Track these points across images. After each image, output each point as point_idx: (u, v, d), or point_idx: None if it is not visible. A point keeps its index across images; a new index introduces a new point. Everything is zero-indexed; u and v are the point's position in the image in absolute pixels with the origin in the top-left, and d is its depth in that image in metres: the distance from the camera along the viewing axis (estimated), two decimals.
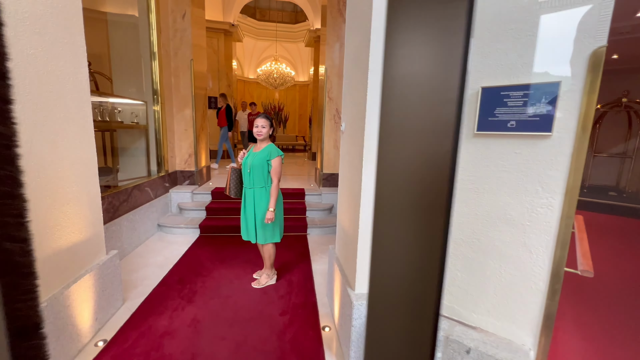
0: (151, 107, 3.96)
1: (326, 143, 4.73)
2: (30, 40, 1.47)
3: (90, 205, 1.95)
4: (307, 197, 4.59)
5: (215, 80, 8.28)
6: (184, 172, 4.56)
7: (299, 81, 15.92)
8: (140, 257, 3.15)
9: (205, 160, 5.05)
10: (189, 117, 4.43)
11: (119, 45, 3.81)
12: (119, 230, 3.00)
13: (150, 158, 4.07)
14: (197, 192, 4.38)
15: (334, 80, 4.60)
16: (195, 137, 4.50)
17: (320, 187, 4.87)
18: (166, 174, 4.19)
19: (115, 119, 3.63)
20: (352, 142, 1.84)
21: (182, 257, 3.20)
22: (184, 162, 4.54)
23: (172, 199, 4.27)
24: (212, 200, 4.40)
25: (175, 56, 4.25)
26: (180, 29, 4.20)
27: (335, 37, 4.50)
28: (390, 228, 0.26)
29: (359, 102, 1.67)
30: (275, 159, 2.42)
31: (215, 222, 3.93)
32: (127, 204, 3.17)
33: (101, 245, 2.07)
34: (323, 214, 4.40)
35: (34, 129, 1.50)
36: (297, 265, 3.13)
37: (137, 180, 3.59)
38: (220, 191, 4.44)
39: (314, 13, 8.49)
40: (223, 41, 8.24)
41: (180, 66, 4.29)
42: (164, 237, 3.74)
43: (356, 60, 1.75)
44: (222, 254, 3.31)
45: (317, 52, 8.63)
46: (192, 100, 4.38)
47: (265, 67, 13.14)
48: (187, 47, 4.25)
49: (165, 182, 4.16)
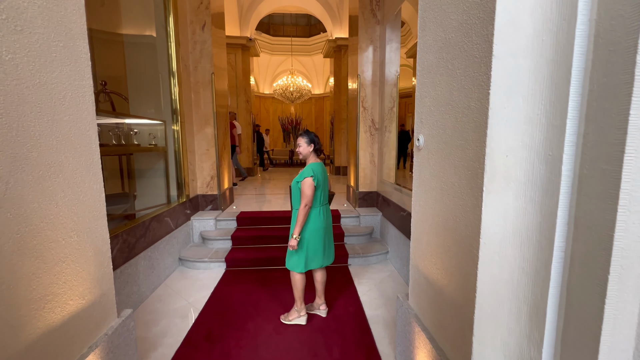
0: (170, 127, 3.58)
1: (362, 158, 4.21)
2: (7, 41, 1.05)
3: (97, 258, 1.49)
4: (343, 219, 4.05)
5: (234, 97, 8.02)
6: (205, 196, 4.14)
7: (314, 94, 15.68)
8: (159, 302, 2.68)
9: (228, 182, 4.62)
10: (211, 135, 4.04)
11: (135, 62, 3.49)
12: (135, 272, 2.55)
13: (170, 182, 3.66)
14: (221, 219, 3.93)
15: (368, 88, 4.12)
16: (217, 157, 4.09)
17: (356, 207, 4.32)
18: (187, 199, 3.77)
19: (132, 141, 3.26)
20: (448, 162, 1.31)
21: (209, 300, 2.70)
22: (206, 185, 4.12)
23: (193, 228, 3.83)
24: (238, 227, 3.92)
25: (195, 70, 3.90)
26: (199, 41, 3.86)
27: (368, 41, 4.05)
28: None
29: (477, 100, 1.15)
30: (305, 181, 2.12)
31: (243, 254, 3.44)
32: (144, 239, 2.73)
33: (111, 307, 1.60)
34: (364, 240, 3.83)
35: (12, 165, 1.06)
36: (346, 308, 2.57)
37: (156, 210, 3.17)
38: (246, 216, 3.97)
39: (334, 23, 8.18)
40: (240, 56, 8.01)
41: (201, 81, 3.93)
42: (186, 273, 3.27)
43: (455, 46, 1.23)
44: (254, 295, 2.79)
45: (339, 62, 8.27)
46: (213, 117, 3.99)
47: (281, 81, 12.94)
48: (207, 60, 3.89)
49: (186, 208, 3.73)
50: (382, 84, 4.00)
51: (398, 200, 3.37)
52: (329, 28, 8.66)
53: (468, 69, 1.15)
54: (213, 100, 3.97)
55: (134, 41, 3.50)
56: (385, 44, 3.88)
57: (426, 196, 1.54)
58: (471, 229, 1.15)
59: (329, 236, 2.34)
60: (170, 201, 3.65)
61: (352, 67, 4.63)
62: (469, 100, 1.15)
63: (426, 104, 1.52)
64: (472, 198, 1.14)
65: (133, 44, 3.49)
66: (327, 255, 2.34)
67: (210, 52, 3.89)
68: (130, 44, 3.47)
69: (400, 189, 3.30)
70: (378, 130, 4.18)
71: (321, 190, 2.20)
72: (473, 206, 1.14)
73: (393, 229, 3.49)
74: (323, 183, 2.22)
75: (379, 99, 4.13)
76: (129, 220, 2.82)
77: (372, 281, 3.07)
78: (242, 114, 8.14)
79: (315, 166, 2.18)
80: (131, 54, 3.48)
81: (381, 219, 3.97)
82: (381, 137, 4.11)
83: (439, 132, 1.40)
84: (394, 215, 3.48)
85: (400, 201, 3.28)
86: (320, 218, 2.22)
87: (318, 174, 2.16)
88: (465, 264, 1.20)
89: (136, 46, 3.51)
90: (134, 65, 3.50)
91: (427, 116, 1.52)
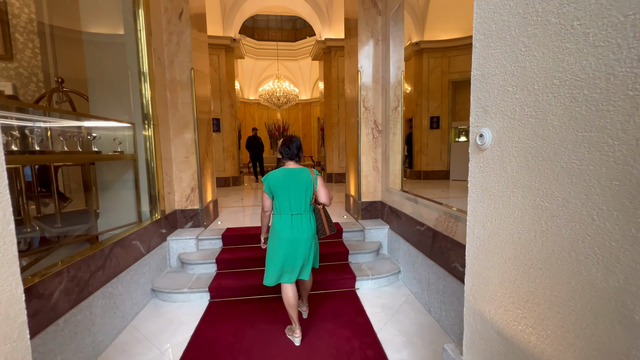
0: (140, 131, 3.00)
1: (364, 164, 3.75)
2: None
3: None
4: (346, 234, 3.55)
5: (217, 101, 7.45)
6: (185, 211, 3.55)
7: (301, 100, 15.28)
8: (122, 355, 2.07)
9: (212, 194, 4.05)
10: (191, 141, 3.48)
11: (96, 54, 2.92)
12: (89, 317, 1.95)
13: (140, 196, 3.07)
14: (204, 238, 3.35)
15: (370, 86, 3.69)
16: (198, 166, 3.52)
17: (359, 219, 3.84)
18: (162, 216, 3.18)
19: (91, 148, 2.67)
20: (555, 167, 0.85)
21: (188, 348, 2.12)
22: (186, 198, 3.54)
23: (170, 250, 3.23)
24: (224, 246, 3.35)
25: (172, 66, 3.36)
26: (176, 32, 3.33)
27: (368, 33, 3.63)
28: None
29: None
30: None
31: (231, 281, 2.87)
32: (103, 272, 2.14)
33: None
34: (370, 257, 3.34)
35: None
36: (363, 351, 2.05)
37: (122, 231, 2.57)
38: (234, 234, 3.41)
39: (322, 23, 7.81)
40: (224, 58, 7.47)
41: (178, 78, 3.38)
42: (160, 308, 2.67)
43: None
44: (247, 336, 2.23)
45: (329, 64, 7.88)
46: (193, 119, 3.44)
47: (267, 86, 12.45)
48: (185, 54, 3.36)
49: (161, 227, 3.13)
50: (386, 81, 3.58)
51: (412, 212, 2.91)
52: (317, 29, 8.28)
53: (612, 19, 0.70)
54: (193, 100, 3.42)
55: (95, 30, 2.93)
56: (388, 36, 3.48)
57: (500, 216, 1.07)
58: (624, 278, 0.68)
59: (304, 250, 2.07)
60: (142, 219, 3.06)
61: (348, 65, 4.20)
62: (613, 67, 0.69)
63: (496, 85, 1.07)
64: (626, 225, 0.68)
65: (94, 34, 2.92)
66: (291, 275, 2.10)
67: (189, 44, 3.36)
68: (90, 34, 2.90)
69: (416, 198, 2.85)
70: (381, 132, 3.74)
71: (286, 198, 2.03)
72: (630, 239, 0.67)
73: (405, 245, 3.03)
74: (283, 191, 2.02)
75: (382, 98, 3.71)
76: (89, 246, 2.22)
77: (387, 310, 2.57)
78: (227, 119, 7.57)
79: (277, 172, 2.05)
80: (92, 46, 2.91)
81: (389, 233, 3.50)
82: (385, 140, 3.68)
83: (527, 122, 0.94)
84: (407, 229, 3.02)
85: (416, 213, 2.83)
86: (286, 227, 2.02)
87: (274, 181, 2.03)
88: (605, 334, 0.73)
89: (97, 36, 2.94)
90: (95, 58, 2.92)
91: (498, 101, 1.06)
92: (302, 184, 2.03)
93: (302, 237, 2.03)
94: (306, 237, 2.04)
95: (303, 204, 2.04)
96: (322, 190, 2.07)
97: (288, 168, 2.07)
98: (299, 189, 2.02)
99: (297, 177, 2.03)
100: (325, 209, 2.16)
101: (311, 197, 2.07)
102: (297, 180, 2.02)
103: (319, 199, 2.09)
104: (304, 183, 2.03)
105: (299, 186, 2.02)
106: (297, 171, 2.05)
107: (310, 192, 2.06)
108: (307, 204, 2.06)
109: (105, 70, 2.93)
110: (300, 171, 2.05)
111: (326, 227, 2.13)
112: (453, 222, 2.21)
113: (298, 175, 2.03)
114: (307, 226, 2.05)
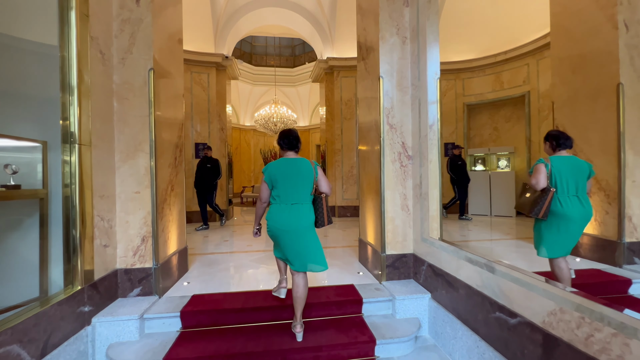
0: (57, 155, 1.97)
1: (389, 201, 2.70)
2: None
3: None
4: (367, 305, 2.41)
5: (205, 124, 6.54)
6: (131, 271, 2.41)
7: (299, 126, 14.58)
8: None
9: (179, 242, 2.93)
10: (145, 169, 2.43)
11: None
12: None
13: (49, 255, 1.96)
14: (151, 316, 2.18)
15: (395, 97, 2.75)
16: (154, 205, 2.44)
17: (383, 279, 2.71)
18: (88, 284, 2.04)
19: None
20: None
21: None
22: (133, 252, 2.42)
23: (96, 339, 2.05)
24: (183, 329, 2.18)
25: (122, 65, 2.40)
26: (132, 20, 2.41)
27: (393, 29, 2.75)
28: None
29: None
30: None
31: None
32: None
33: None
34: (407, 349, 2.17)
35: None
36: None
37: None
38: (202, 307, 2.25)
39: (324, 42, 7.14)
40: (215, 77, 6.66)
41: (131, 82, 2.41)
42: None
43: None
44: None
45: (331, 85, 7.12)
46: (150, 139, 2.42)
47: (263, 111, 11.71)
48: (143, 49, 2.42)
49: (80, 304, 1.98)
50: (419, 89, 2.65)
51: (483, 285, 1.82)
52: (318, 49, 7.62)
53: None
54: (151, 113, 2.43)
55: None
56: (424, 32, 2.59)
57: None
58: None
59: (301, 242, 2.01)
60: (49, 291, 1.92)
61: (365, 72, 3.30)
62: None
63: None
64: None
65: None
66: (298, 262, 2.02)
67: (150, 37, 2.42)
68: None
69: (492, 264, 1.76)
70: (412, 158, 2.74)
71: (286, 187, 1.99)
72: None
73: (467, 334, 1.90)
74: (284, 180, 1.99)
75: (412, 113, 2.75)
76: None
77: None
78: (216, 144, 6.61)
79: (277, 162, 2.04)
80: None
81: (430, 305, 2.38)
82: (418, 169, 2.67)
83: None
84: (471, 309, 1.91)
85: (492, 291, 1.73)
86: (282, 217, 1.98)
87: (275, 170, 2.00)
88: None
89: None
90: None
91: None
92: (304, 174, 2.02)
93: (301, 226, 1.99)
94: (305, 226, 2.00)
95: (303, 194, 2.03)
96: (322, 179, 2.09)
97: (288, 158, 2.07)
98: (300, 178, 2.02)
99: (298, 166, 2.03)
100: (326, 199, 2.10)
101: (312, 186, 2.07)
102: (299, 170, 2.02)
103: (320, 189, 2.10)
104: (305, 172, 2.03)
105: (300, 175, 2.02)
106: (297, 161, 2.05)
107: (311, 181, 2.06)
108: (307, 193, 2.05)
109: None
110: (301, 161, 2.06)
111: (325, 218, 2.08)
112: (611, 336, 1.11)
113: (299, 164, 2.04)
114: (305, 215, 2.02)
